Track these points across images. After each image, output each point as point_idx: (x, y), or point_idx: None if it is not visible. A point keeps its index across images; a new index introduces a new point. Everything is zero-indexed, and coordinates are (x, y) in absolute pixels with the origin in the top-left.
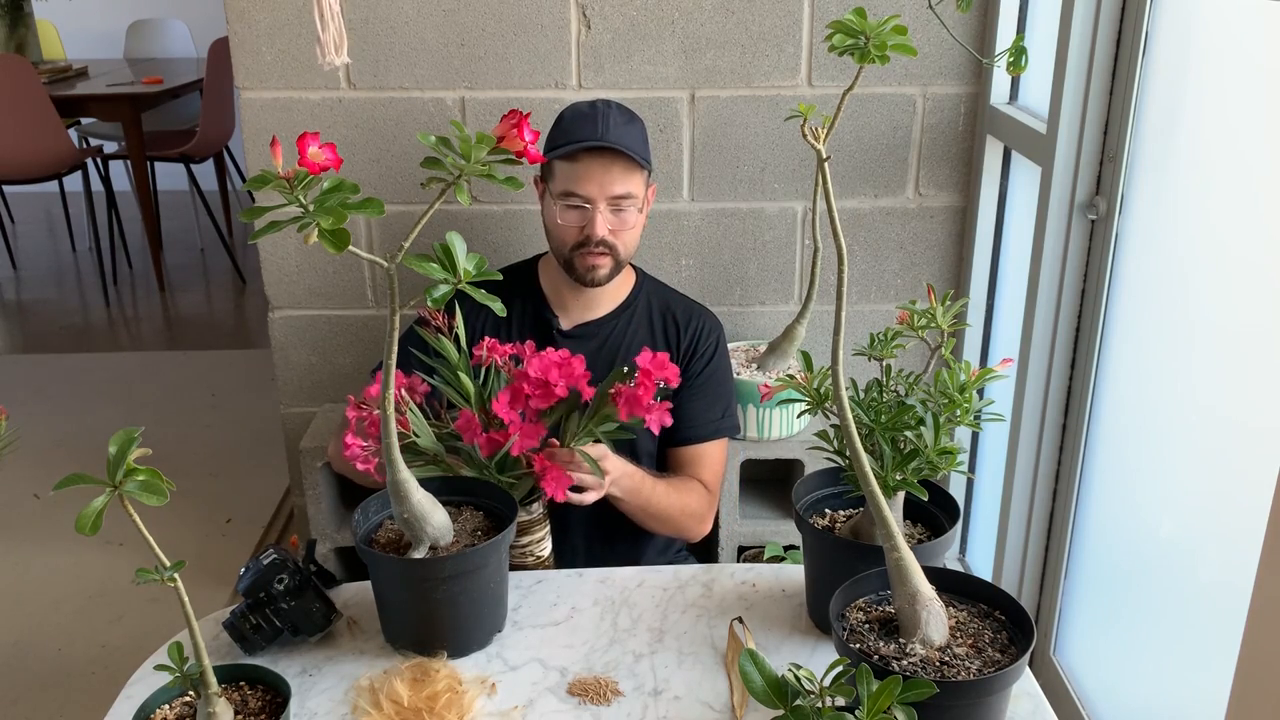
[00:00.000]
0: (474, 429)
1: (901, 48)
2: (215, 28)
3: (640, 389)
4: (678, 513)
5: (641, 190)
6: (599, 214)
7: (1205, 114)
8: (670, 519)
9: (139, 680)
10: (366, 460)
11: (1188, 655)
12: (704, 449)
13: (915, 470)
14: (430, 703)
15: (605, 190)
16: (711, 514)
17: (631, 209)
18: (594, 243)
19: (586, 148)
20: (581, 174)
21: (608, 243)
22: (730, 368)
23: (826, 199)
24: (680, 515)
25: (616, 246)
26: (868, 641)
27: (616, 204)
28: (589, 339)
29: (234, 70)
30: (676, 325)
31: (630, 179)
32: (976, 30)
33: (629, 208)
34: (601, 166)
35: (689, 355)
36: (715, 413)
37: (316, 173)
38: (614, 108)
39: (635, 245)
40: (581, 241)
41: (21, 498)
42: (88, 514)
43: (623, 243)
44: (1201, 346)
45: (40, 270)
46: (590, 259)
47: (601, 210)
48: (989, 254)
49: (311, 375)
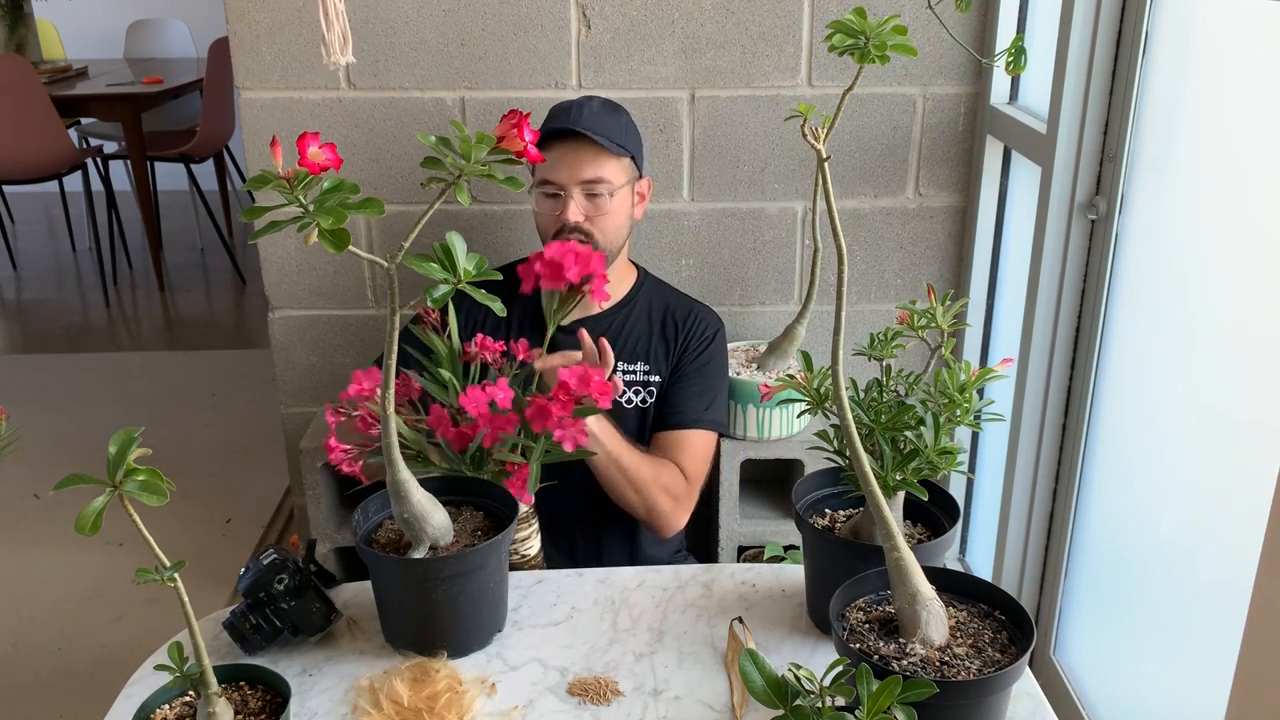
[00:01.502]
0: (444, 423)
1: (901, 48)
2: (215, 28)
3: (555, 404)
4: (651, 480)
5: (618, 177)
6: (571, 200)
7: (1205, 114)
8: (644, 487)
9: (139, 680)
10: (350, 464)
11: (1188, 655)
12: (686, 435)
13: (915, 470)
14: (430, 703)
15: (575, 175)
16: (688, 504)
17: (605, 194)
18: (569, 229)
19: (557, 135)
20: (553, 161)
21: (584, 229)
22: (726, 367)
23: (826, 199)
24: (654, 486)
25: (594, 234)
26: (868, 641)
27: (590, 188)
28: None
29: (234, 70)
30: (675, 323)
31: (601, 164)
32: (976, 30)
33: (602, 192)
34: (571, 152)
35: (683, 347)
36: (701, 404)
37: (316, 173)
38: (596, 100)
39: (619, 234)
40: (559, 229)
41: (21, 498)
42: (88, 514)
43: (600, 229)
44: (1201, 346)
45: (40, 270)
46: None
47: (574, 196)
48: (989, 254)
49: (311, 375)
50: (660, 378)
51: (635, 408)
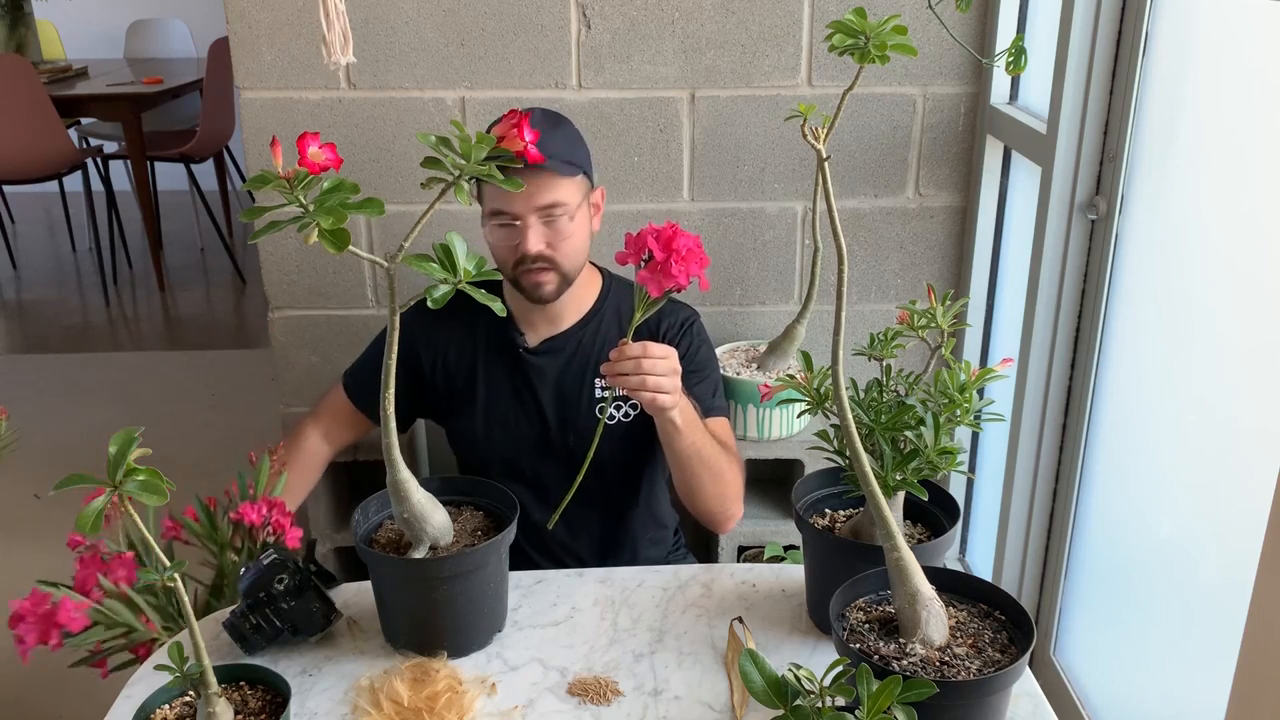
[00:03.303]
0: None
1: (901, 48)
2: (215, 28)
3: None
4: (726, 467)
5: (574, 197)
6: (530, 229)
7: (1205, 114)
8: (721, 472)
9: (139, 680)
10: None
11: (1188, 655)
12: (714, 423)
13: (915, 470)
14: (430, 703)
15: (531, 202)
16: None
17: (563, 218)
18: (530, 259)
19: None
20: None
21: (546, 256)
22: (713, 351)
23: (826, 199)
24: (730, 472)
25: (556, 259)
26: (868, 641)
27: (546, 214)
28: (556, 353)
29: (234, 70)
30: (647, 326)
31: (556, 187)
32: (976, 30)
33: (560, 215)
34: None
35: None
36: (706, 390)
37: (316, 173)
38: (536, 114)
39: (580, 254)
40: (519, 259)
41: (21, 498)
42: (88, 514)
43: (563, 254)
44: (1201, 346)
45: (40, 270)
46: (532, 276)
47: (532, 225)
48: (989, 254)
49: (311, 375)
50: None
51: (619, 423)
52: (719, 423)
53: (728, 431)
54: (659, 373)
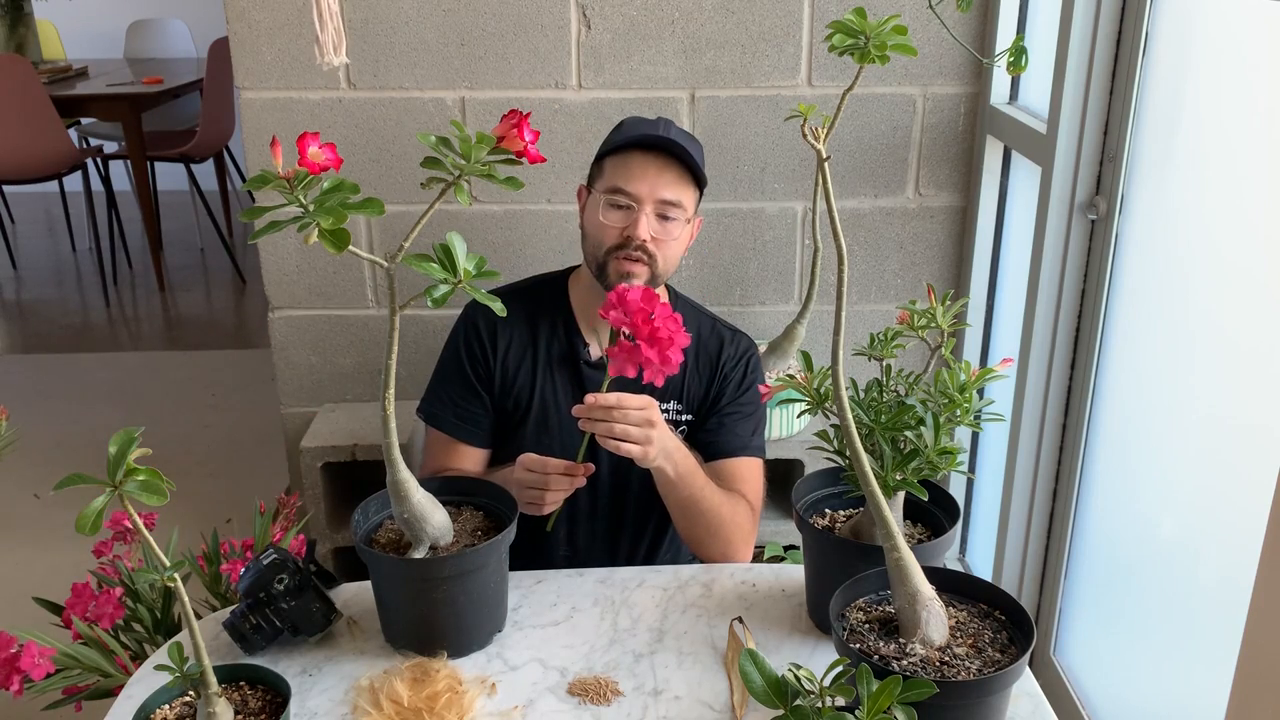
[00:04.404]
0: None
1: (901, 48)
2: (215, 28)
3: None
4: (728, 517)
5: (690, 206)
6: (644, 215)
7: (1205, 114)
8: (721, 523)
9: (139, 680)
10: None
11: (1188, 655)
12: (741, 464)
13: (915, 470)
14: (430, 703)
15: (655, 191)
16: (754, 539)
17: (679, 219)
18: (634, 245)
19: (644, 145)
20: (635, 171)
21: (648, 250)
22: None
23: (826, 199)
24: (731, 523)
25: (656, 257)
26: (868, 641)
27: (664, 209)
28: None
29: (234, 70)
30: (710, 355)
31: (682, 187)
32: (976, 30)
33: (677, 217)
34: (656, 167)
35: (723, 379)
36: (747, 428)
37: (316, 173)
38: (675, 125)
39: (673, 263)
40: (621, 243)
41: (21, 498)
42: (88, 514)
43: (663, 255)
44: (1201, 346)
45: (40, 270)
46: (627, 264)
47: (647, 212)
48: (989, 254)
49: (311, 375)
50: (692, 415)
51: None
52: (751, 464)
53: (755, 473)
54: (630, 422)
